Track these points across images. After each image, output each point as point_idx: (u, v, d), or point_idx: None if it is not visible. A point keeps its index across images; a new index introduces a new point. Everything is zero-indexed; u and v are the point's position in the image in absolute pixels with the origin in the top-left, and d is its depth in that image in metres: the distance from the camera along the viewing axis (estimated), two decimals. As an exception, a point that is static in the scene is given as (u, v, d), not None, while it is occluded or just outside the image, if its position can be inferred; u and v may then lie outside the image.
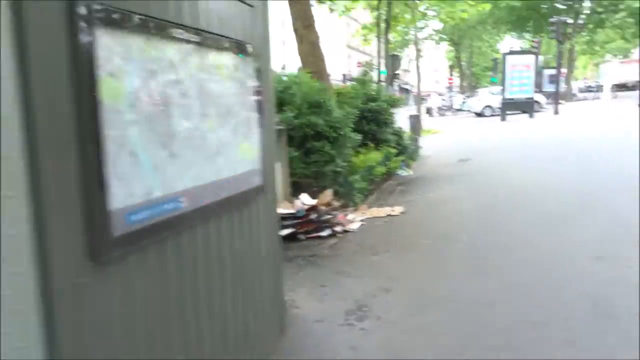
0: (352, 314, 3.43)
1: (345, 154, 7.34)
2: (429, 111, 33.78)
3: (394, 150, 9.33)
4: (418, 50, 20.78)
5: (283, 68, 9.37)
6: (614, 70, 56.79)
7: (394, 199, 7.58)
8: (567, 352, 2.70)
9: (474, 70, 67.46)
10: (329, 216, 5.89)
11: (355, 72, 55.34)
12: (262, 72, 2.85)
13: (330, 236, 5.70)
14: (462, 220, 5.91)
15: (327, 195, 6.20)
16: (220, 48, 2.38)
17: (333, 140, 6.92)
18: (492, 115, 26.13)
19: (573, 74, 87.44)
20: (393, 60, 18.49)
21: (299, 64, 9.12)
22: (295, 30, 8.82)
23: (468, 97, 34.57)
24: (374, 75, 17.29)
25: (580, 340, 2.81)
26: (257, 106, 2.77)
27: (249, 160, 2.66)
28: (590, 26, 36.75)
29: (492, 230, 5.37)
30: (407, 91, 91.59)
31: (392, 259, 4.72)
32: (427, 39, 43.95)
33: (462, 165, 10.35)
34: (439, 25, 42.98)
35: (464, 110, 32.59)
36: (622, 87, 50.42)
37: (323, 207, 5.93)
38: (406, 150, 10.15)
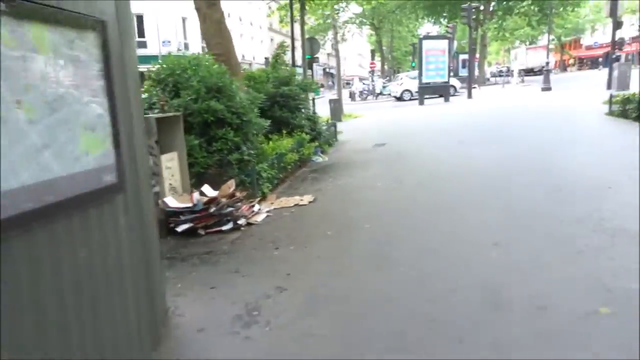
0: (239, 320, 3.13)
1: (252, 141, 6.98)
2: (351, 95, 33.99)
3: (307, 137, 9.08)
4: (336, 34, 20.60)
5: (180, 49, 8.76)
6: (522, 55, 60.36)
7: (305, 187, 7.33)
8: (456, 350, 2.56)
9: (395, 54, 68.94)
10: (231, 209, 5.53)
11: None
12: (113, 51, 2.43)
13: (232, 230, 5.36)
14: (369, 208, 5.77)
15: (230, 185, 5.82)
16: (44, 19, 1.94)
17: (237, 127, 6.53)
18: (411, 99, 26.67)
19: (487, 59, 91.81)
20: (311, 44, 18.16)
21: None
22: (198, 9, 8.25)
23: (388, 81, 35.11)
24: (290, 58, 16.91)
25: (469, 336, 2.69)
26: (107, 91, 2.35)
27: (95, 155, 2.25)
28: (500, 13, 38.47)
29: (396, 219, 5.26)
30: (331, 75, 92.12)
31: (293, 254, 4.46)
32: (348, 23, 44.19)
33: (377, 150, 10.31)
34: (359, 9, 43.50)
35: (384, 95, 33.09)
36: (529, 71, 53.71)
37: (224, 199, 5.55)
38: (320, 136, 9.94)
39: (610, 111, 11.35)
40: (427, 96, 23.24)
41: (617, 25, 18.49)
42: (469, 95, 23.28)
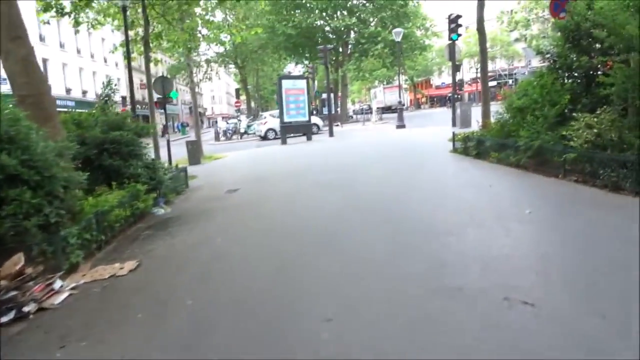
0: None
1: (64, 199, 5.79)
2: (216, 135, 33.01)
3: (143, 187, 7.99)
4: (192, 73, 19.73)
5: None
6: (380, 94, 64.68)
7: (133, 249, 6.25)
8: None
9: (262, 93, 69.66)
10: (14, 292, 4.33)
11: (141, 94, 51.78)
12: None
13: (16, 320, 4.17)
14: (197, 273, 4.93)
15: (17, 261, 4.61)
16: None
17: (36, 185, 5.34)
18: (275, 138, 26.48)
19: (349, 98, 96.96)
20: (163, 83, 17.09)
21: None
22: (-3, 44, 6.89)
23: (253, 120, 34.84)
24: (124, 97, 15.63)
25: None
26: None
27: None
28: (357, 55, 40.68)
29: (224, 288, 4.47)
30: (200, 114, 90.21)
31: (83, 353, 3.44)
32: (210, 62, 43.57)
33: (228, 197, 9.52)
34: (221, 47, 43.16)
35: (249, 134, 32.65)
36: (387, 109, 57.59)
37: (4, 282, 4.34)
38: (162, 185, 8.90)
39: (454, 148, 11.90)
40: (291, 135, 23.21)
41: (456, 68, 20.19)
42: (330, 134, 23.69)
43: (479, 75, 64.07)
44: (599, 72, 8.73)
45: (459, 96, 64.87)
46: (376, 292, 3.90)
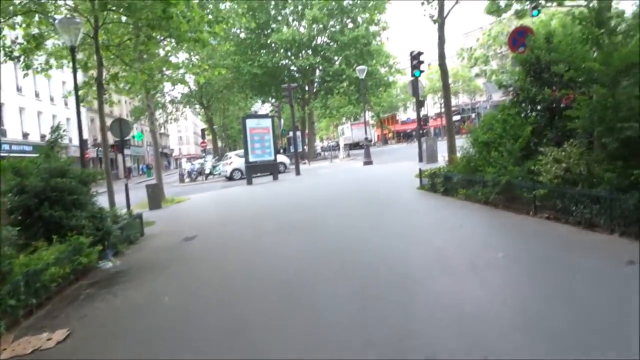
0: None
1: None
2: (181, 177, 32.18)
3: (87, 240, 7.28)
4: (152, 114, 19.16)
5: None
6: (347, 131, 65.25)
7: (68, 313, 5.53)
8: None
9: (229, 132, 69.23)
10: None
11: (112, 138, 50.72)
12: None
13: None
14: (134, 347, 4.28)
15: None
16: None
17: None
18: (241, 179, 25.89)
19: (318, 135, 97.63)
20: (120, 125, 16.46)
21: None
22: None
23: (218, 160, 34.23)
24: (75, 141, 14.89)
25: None
26: None
27: None
28: (322, 93, 40.98)
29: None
30: (166, 155, 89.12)
31: None
32: (174, 102, 43.11)
33: (184, 246, 8.86)
34: (186, 88, 42.82)
35: (215, 175, 31.97)
36: (355, 145, 57.99)
37: None
38: (110, 236, 8.19)
39: (421, 185, 11.61)
40: (256, 175, 22.71)
41: (420, 103, 20.27)
42: (297, 172, 23.29)
43: (442, 110, 65.73)
44: (562, 105, 8.66)
45: (425, 131, 66.14)
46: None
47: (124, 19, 12.77)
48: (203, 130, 49.03)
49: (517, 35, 12.40)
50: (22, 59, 12.32)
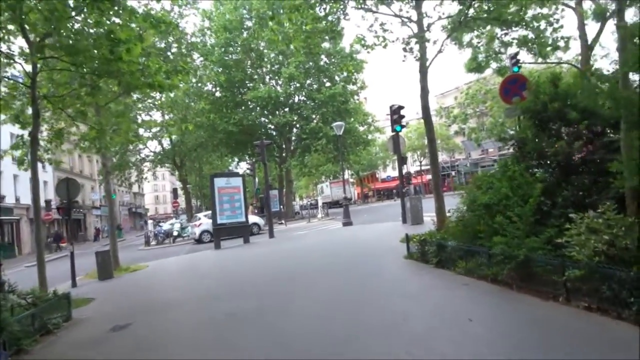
0: None
1: None
2: (146, 240, 29.87)
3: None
4: (107, 173, 17.30)
5: None
6: (327, 189, 63.89)
7: None
8: None
9: (205, 192, 67.16)
10: None
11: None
12: None
13: None
14: None
15: None
16: None
17: None
18: (210, 241, 23.79)
19: (298, 193, 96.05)
20: (68, 185, 14.60)
21: None
22: None
23: (187, 221, 32.11)
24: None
25: None
26: None
27: None
28: (300, 150, 39.75)
29: None
30: (140, 215, 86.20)
31: None
32: (147, 161, 41.37)
33: (108, 340, 6.81)
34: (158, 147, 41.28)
35: (184, 236, 29.76)
36: (335, 204, 56.40)
37: None
38: (2, 332, 6.13)
39: (409, 254, 9.86)
40: (226, 237, 20.73)
41: (402, 160, 18.90)
42: (271, 234, 21.37)
43: (422, 168, 65.07)
44: (579, 157, 7.21)
45: (406, 189, 65.24)
46: None
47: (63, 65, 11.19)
48: (175, 190, 47.12)
49: (509, 84, 11.22)
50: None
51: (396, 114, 17.94)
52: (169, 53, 17.28)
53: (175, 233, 29.86)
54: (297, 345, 5.13)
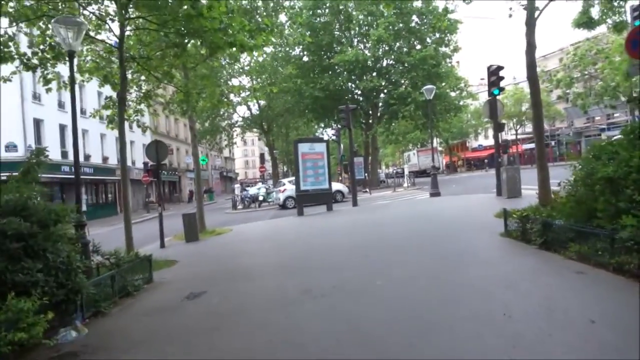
0: None
1: None
2: (234, 204, 30.63)
3: (33, 304, 5.19)
4: (194, 137, 17.51)
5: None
6: (414, 157, 61.97)
7: None
8: None
9: (292, 157, 68.01)
10: None
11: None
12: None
13: None
14: None
15: None
16: None
17: None
18: (294, 207, 23.76)
19: (384, 161, 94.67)
20: (157, 148, 14.83)
21: None
22: None
23: (272, 187, 32.41)
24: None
25: None
26: None
27: None
28: (387, 117, 38.45)
29: None
30: (230, 179, 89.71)
31: None
32: (234, 126, 42.25)
33: (181, 308, 6.61)
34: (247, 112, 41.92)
35: (269, 201, 30.10)
36: (422, 173, 54.59)
37: None
38: (78, 295, 6.06)
39: (506, 231, 8.76)
40: (309, 204, 20.45)
41: (499, 127, 17.26)
42: (354, 203, 20.78)
43: (519, 137, 60.78)
44: None
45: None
46: None
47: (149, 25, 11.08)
48: (262, 155, 47.93)
49: (639, 34, 9.43)
50: (39, 70, 10.92)
51: (494, 76, 16.28)
52: (255, 13, 16.84)
53: (260, 198, 30.29)
54: (373, 337, 4.45)
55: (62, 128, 32.38)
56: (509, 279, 5.87)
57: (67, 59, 11.31)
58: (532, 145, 62.20)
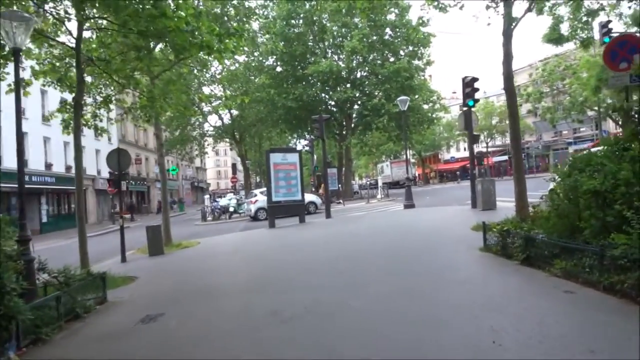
0: None
1: None
2: (203, 215, 29.73)
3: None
4: (161, 146, 16.73)
5: None
6: (387, 169, 62.05)
7: None
8: None
9: (264, 168, 67.14)
10: None
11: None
12: None
13: None
14: None
15: None
16: None
17: None
18: (266, 219, 23.06)
19: (357, 172, 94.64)
20: (119, 156, 14.04)
21: None
22: None
23: (244, 198, 31.65)
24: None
25: None
26: None
27: None
28: (360, 128, 38.25)
29: None
30: (201, 189, 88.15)
31: None
32: (206, 135, 41.44)
33: (133, 333, 5.93)
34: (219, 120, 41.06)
35: (240, 213, 29.32)
36: (395, 184, 54.63)
37: None
38: (9, 322, 5.32)
39: (485, 245, 8.38)
40: (281, 216, 19.82)
41: (473, 139, 17.08)
42: (327, 215, 20.28)
43: (490, 149, 61.47)
44: None
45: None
46: None
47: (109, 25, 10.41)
48: (234, 165, 47.14)
49: (617, 46, 9.26)
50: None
51: (469, 87, 16.12)
52: (225, 18, 16.29)
53: (231, 209, 29.49)
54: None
55: (24, 135, 30.94)
56: (494, 299, 5.43)
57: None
58: (503, 158, 63.05)
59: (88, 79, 11.89)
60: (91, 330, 6.41)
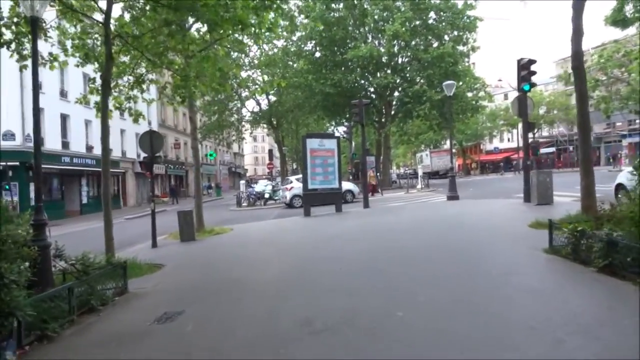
0: None
1: None
2: (238, 201, 29.32)
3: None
4: (194, 129, 16.13)
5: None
6: (426, 159, 60.34)
7: None
8: None
9: (301, 154, 66.45)
10: None
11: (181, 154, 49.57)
12: None
13: None
14: None
15: None
16: None
17: None
18: (301, 206, 22.34)
19: (395, 161, 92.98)
20: (152, 139, 13.52)
21: None
22: None
23: (279, 184, 31.02)
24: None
25: None
26: None
27: None
28: (400, 115, 36.96)
29: None
30: (239, 175, 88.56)
31: None
32: (242, 121, 41.04)
33: (147, 337, 5.22)
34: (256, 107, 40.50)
35: (275, 199, 28.72)
36: (435, 174, 53.00)
37: None
38: (6, 318, 4.70)
39: (551, 247, 7.29)
40: (317, 204, 19.01)
41: (529, 126, 15.72)
42: (365, 204, 19.34)
43: (539, 140, 58.69)
44: None
45: (513, 162, 59.50)
46: None
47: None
48: (270, 151, 46.66)
49: None
50: (11, 46, 9.62)
51: (525, 70, 14.76)
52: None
53: (266, 195, 28.94)
54: None
55: (64, 118, 31.24)
56: (578, 318, 4.41)
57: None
58: (550, 150, 60.18)
59: (121, 59, 11.33)
60: (103, 328, 5.75)
